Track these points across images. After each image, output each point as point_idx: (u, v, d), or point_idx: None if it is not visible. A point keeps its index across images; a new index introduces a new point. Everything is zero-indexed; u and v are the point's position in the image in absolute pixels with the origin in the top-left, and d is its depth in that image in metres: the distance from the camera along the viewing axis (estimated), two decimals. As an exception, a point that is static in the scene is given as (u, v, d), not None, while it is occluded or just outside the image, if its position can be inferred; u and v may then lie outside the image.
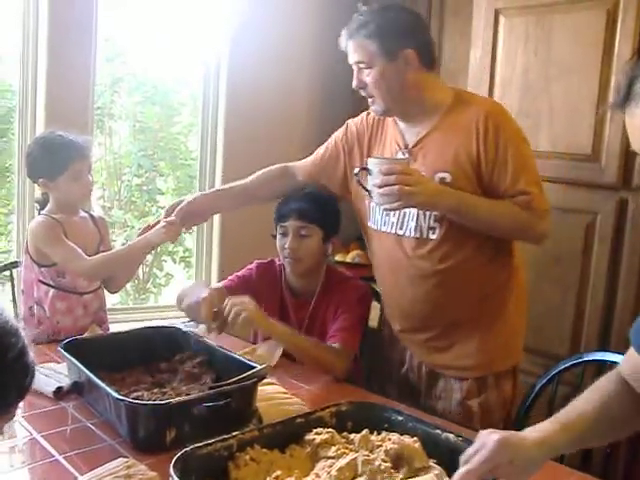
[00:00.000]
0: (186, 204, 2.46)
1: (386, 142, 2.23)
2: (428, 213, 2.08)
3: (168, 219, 2.41)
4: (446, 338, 2.19)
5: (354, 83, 2.13)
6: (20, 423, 1.82)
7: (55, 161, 2.45)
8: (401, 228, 2.16)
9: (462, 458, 1.30)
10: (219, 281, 3.52)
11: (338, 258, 3.70)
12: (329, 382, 2.21)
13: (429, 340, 2.21)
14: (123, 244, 3.90)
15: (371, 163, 2.00)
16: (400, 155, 2.15)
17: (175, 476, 1.31)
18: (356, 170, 2.10)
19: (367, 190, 2.04)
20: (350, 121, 2.37)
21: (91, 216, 2.71)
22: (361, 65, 2.09)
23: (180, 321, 2.54)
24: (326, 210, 2.46)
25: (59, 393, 1.98)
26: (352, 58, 2.11)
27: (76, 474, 1.56)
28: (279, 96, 3.78)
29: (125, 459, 1.61)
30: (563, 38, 2.80)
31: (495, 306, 2.18)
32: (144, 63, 4.00)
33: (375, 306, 2.58)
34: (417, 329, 2.23)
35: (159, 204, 4.01)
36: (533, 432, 1.31)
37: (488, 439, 1.27)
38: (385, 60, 2.06)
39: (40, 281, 2.55)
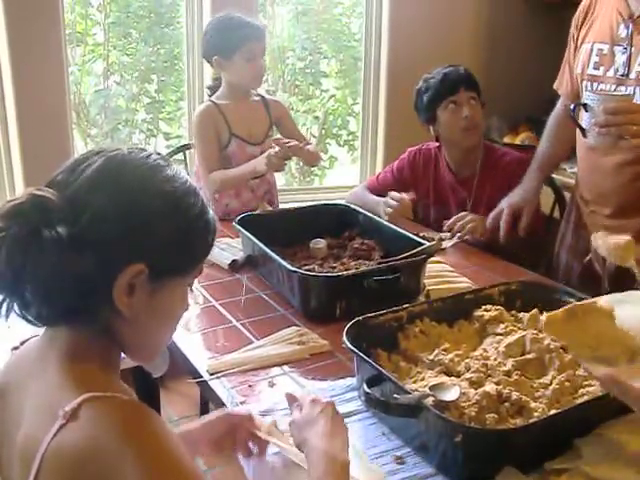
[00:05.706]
0: None
1: (606, 14, 1.98)
2: None
3: (274, 150, 2.38)
4: None
5: None
6: (199, 291, 1.94)
7: (230, 38, 2.46)
8: None
9: None
10: (384, 163, 3.53)
11: (507, 140, 3.58)
12: (497, 262, 2.19)
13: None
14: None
15: (591, 99, 1.85)
16: (622, 29, 1.90)
17: (348, 342, 1.36)
18: (572, 106, 1.94)
19: (581, 128, 1.92)
20: None
21: (264, 100, 2.70)
22: None
23: (343, 202, 2.56)
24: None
25: (234, 265, 2.08)
26: None
27: (252, 338, 1.66)
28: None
29: (298, 327, 1.69)
30: None
31: None
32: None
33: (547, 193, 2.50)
34: (614, 216, 2.06)
35: (322, 87, 3.99)
36: None
37: None
38: None
39: None
